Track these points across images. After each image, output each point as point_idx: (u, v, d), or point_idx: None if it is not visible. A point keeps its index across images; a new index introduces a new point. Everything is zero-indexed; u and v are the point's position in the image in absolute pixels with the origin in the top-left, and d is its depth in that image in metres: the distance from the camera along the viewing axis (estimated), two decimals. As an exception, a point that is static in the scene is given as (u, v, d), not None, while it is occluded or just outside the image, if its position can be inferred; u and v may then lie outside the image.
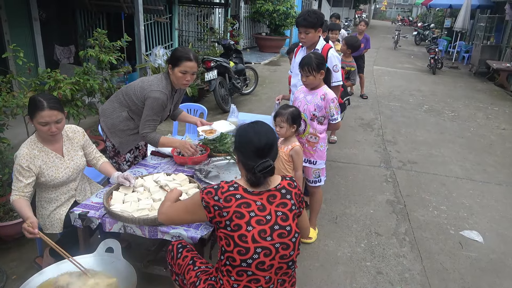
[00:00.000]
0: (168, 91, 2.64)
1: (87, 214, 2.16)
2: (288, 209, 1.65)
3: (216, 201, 1.59)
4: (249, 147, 1.65)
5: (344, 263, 2.93)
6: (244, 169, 1.68)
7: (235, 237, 1.56)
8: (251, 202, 1.60)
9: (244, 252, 1.56)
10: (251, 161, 1.62)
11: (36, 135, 2.24)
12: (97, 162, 2.51)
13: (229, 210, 1.57)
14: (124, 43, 4.40)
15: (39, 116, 2.09)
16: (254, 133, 1.67)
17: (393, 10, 50.14)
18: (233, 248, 1.57)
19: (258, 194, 1.63)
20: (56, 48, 7.07)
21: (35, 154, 2.19)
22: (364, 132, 6.09)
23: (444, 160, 5.15)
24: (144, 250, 2.78)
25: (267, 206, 1.62)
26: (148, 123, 2.64)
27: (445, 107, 7.96)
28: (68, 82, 3.59)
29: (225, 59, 6.62)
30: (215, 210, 1.59)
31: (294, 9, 12.74)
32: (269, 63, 11.52)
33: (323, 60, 2.88)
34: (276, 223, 1.60)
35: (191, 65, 2.59)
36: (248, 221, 1.57)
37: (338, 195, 3.97)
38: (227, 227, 1.58)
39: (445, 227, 3.52)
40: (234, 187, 1.63)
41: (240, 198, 1.60)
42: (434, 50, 11.81)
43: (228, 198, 1.59)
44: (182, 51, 2.62)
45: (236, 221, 1.57)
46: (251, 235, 1.56)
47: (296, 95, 3.07)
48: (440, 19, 20.79)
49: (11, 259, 2.73)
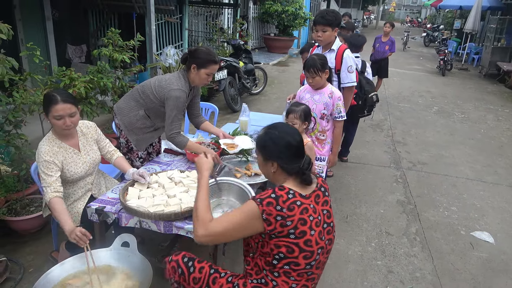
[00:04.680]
0: (187, 89, 2.67)
1: (103, 209, 2.20)
2: (329, 206, 1.70)
3: (279, 211, 1.49)
4: (289, 150, 1.61)
5: (355, 262, 2.94)
6: (288, 174, 1.62)
7: (300, 243, 1.52)
8: (307, 206, 1.57)
9: (310, 256, 1.55)
10: (295, 162, 1.60)
11: (53, 132, 2.28)
12: (112, 156, 2.54)
13: (294, 218, 1.50)
14: (137, 43, 4.46)
15: (54, 110, 2.13)
16: (287, 135, 1.62)
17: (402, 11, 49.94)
18: (298, 254, 1.53)
19: (309, 197, 1.61)
20: (68, 47, 7.16)
21: (56, 150, 2.23)
22: (373, 132, 6.08)
23: (454, 162, 5.13)
24: (157, 245, 2.82)
25: (316, 207, 1.62)
26: (174, 123, 2.64)
27: (455, 109, 7.91)
28: (83, 80, 3.65)
29: (234, 59, 6.66)
30: (277, 220, 1.49)
31: (302, 10, 12.76)
32: (277, 63, 11.54)
33: (326, 60, 2.93)
34: (324, 222, 1.64)
35: (216, 67, 2.69)
36: (310, 226, 1.54)
37: (348, 194, 3.98)
38: (290, 235, 1.51)
39: (456, 228, 3.51)
40: (291, 193, 1.54)
41: (301, 204, 1.54)
42: (444, 51, 11.74)
43: (291, 207, 1.51)
44: (209, 53, 2.64)
45: (301, 228, 1.51)
46: (314, 239, 1.56)
47: (302, 95, 3.10)
48: (449, 21, 20.64)
49: (27, 252, 2.79)
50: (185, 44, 8.53)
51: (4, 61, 2.43)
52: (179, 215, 2.09)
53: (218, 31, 8.71)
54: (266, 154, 1.64)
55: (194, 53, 2.67)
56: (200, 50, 2.66)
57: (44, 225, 2.98)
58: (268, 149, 1.64)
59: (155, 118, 2.79)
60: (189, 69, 2.66)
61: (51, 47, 6.38)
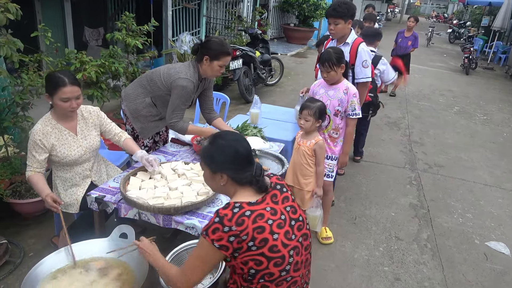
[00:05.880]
0: (195, 79, 2.59)
1: (103, 198, 2.16)
2: (292, 200, 1.60)
3: (228, 231, 1.40)
4: (240, 158, 1.52)
5: (361, 266, 2.83)
6: (239, 184, 1.54)
7: (265, 252, 1.44)
8: (262, 211, 1.47)
9: (281, 262, 1.47)
10: (246, 170, 1.51)
11: (52, 113, 2.26)
12: (120, 139, 2.49)
13: (247, 230, 1.41)
14: (151, 28, 4.38)
15: (61, 92, 2.11)
16: (235, 143, 1.54)
17: (428, 6, 48.46)
18: (267, 264, 1.45)
19: (263, 200, 1.51)
20: (86, 30, 7.16)
21: (48, 130, 2.21)
22: (390, 131, 5.90)
23: (473, 165, 4.92)
24: (159, 236, 2.76)
25: (276, 207, 1.53)
26: (175, 112, 2.59)
27: (477, 110, 7.62)
28: (94, 64, 3.60)
29: (251, 49, 6.53)
30: (231, 242, 1.41)
31: (324, 1, 12.46)
32: (295, 54, 11.34)
33: (342, 53, 2.79)
34: (291, 219, 1.54)
35: (229, 58, 2.62)
36: (271, 230, 1.46)
37: (358, 194, 3.86)
38: (251, 248, 1.43)
39: (470, 236, 3.36)
40: (237, 207, 1.45)
41: (251, 213, 1.44)
42: (469, 49, 11.31)
43: (240, 221, 1.41)
44: (223, 45, 2.56)
45: (259, 237, 1.43)
46: (280, 242, 1.47)
47: (315, 90, 2.98)
48: (477, 17, 19.92)
49: (30, 236, 2.78)
50: (203, 31, 8.42)
51: (10, 42, 2.38)
52: (179, 209, 2.02)
53: (236, 19, 8.58)
54: (214, 166, 1.53)
55: (206, 44, 2.58)
56: (212, 41, 2.58)
57: (47, 209, 2.97)
58: (216, 160, 1.53)
59: (161, 107, 2.72)
60: (201, 60, 2.58)
61: (68, 29, 6.38)
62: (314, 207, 2.75)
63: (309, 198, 2.76)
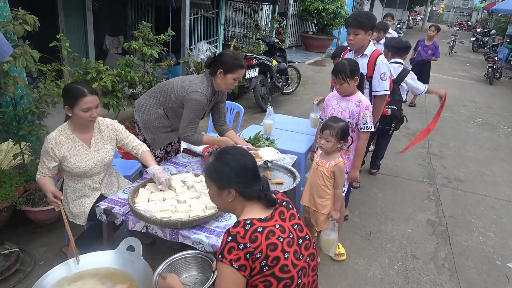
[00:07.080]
0: (208, 93, 2.59)
1: (111, 210, 2.15)
2: (298, 218, 1.55)
3: (244, 249, 1.35)
4: (248, 172, 1.49)
5: (374, 285, 2.73)
6: (247, 199, 1.49)
7: (276, 272, 1.38)
8: (272, 228, 1.43)
9: (290, 283, 1.41)
10: (254, 185, 1.48)
11: (68, 123, 2.28)
12: (138, 151, 2.48)
13: (261, 247, 1.36)
14: (168, 37, 4.42)
15: (83, 103, 2.15)
16: (242, 157, 1.51)
17: (451, 13, 47.63)
18: (276, 285, 1.39)
19: (271, 217, 1.46)
20: (106, 38, 7.31)
21: (62, 140, 2.24)
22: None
23: (495, 181, 4.73)
24: (168, 247, 2.75)
25: (284, 224, 1.47)
26: (190, 125, 2.58)
27: (500, 122, 7.37)
28: (110, 73, 3.65)
29: (267, 57, 6.52)
30: (247, 259, 1.35)
31: (344, 9, 12.38)
32: (313, 63, 11.27)
33: (357, 66, 2.73)
34: (298, 237, 1.49)
35: (243, 71, 2.61)
36: (282, 248, 1.40)
37: (374, 209, 3.75)
38: (263, 268, 1.37)
39: (491, 257, 3.21)
40: (248, 224, 1.40)
41: (263, 229, 1.39)
42: (493, 58, 11.01)
43: (253, 237, 1.36)
44: (236, 58, 2.56)
45: (272, 255, 1.37)
46: (290, 261, 1.41)
47: (329, 102, 2.92)
48: (502, 26, 19.39)
49: (41, 244, 2.81)
50: (220, 39, 8.47)
51: (26, 53, 2.43)
52: (186, 223, 2.00)
53: (254, 28, 8.60)
54: (222, 181, 1.49)
55: (220, 58, 2.58)
56: (226, 54, 2.59)
57: (60, 217, 3.00)
58: (224, 175, 1.48)
59: (173, 118, 2.72)
60: (214, 73, 2.58)
61: (89, 37, 6.53)
62: (329, 230, 2.61)
63: (324, 219, 2.65)
